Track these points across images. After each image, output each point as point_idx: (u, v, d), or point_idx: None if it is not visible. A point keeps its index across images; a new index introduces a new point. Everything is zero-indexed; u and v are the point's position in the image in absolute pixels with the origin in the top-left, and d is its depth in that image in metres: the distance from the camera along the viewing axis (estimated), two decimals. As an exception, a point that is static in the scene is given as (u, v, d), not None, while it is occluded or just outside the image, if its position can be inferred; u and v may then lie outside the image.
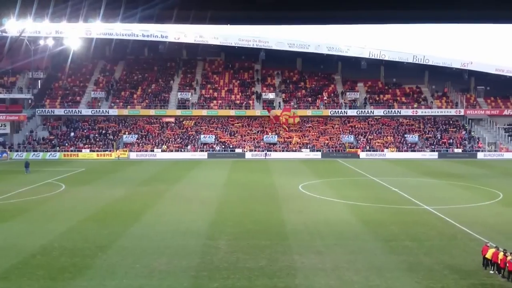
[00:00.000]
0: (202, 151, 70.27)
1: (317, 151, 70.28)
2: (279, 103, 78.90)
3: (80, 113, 76.73)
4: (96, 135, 73.83)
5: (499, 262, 19.18)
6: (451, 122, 78.25)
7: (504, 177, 48.69)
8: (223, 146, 71.38)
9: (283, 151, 70.41)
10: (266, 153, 68.88)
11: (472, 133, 75.62)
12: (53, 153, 68.83)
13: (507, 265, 18.61)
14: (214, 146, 71.50)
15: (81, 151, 69.54)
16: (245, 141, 72.47)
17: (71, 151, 69.59)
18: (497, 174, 51.09)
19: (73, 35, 71.44)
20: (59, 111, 76.51)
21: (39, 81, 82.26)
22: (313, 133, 75.14)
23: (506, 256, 18.98)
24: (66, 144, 71.25)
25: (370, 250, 22.50)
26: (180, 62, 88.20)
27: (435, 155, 69.69)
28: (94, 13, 5.81)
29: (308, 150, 70.43)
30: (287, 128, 74.94)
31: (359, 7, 6.26)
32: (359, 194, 37.52)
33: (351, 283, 18.36)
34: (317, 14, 6.11)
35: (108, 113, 77.02)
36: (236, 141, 72.49)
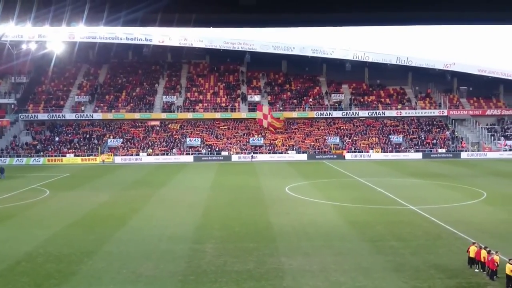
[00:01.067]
0: (188, 154, 70.05)
1: (303, 152, 70.48)
2: (270, 105, 78.95)
3: (64, 117, 76.00)
4: (81, 139, 73.18)
5: (482, 261, 19.42)
6: (434, 122, 79.04)
7: (487, 176, 49.28)
8: (209, 149, 71.23)
9: (269, 153, 70.47)
10: (252, 156, 68.86)
11: (456, 133, 76.46)
12: (37, 158, 68.07)
13: (490, 263, 18.85)
14: (200, 149, 71.31)
15: (65, 156, 68.85)
16: (231, 144, 72.41)
17: (55, 156, 68.87)
18: (481, 173, 51.70)
19: (56, 39, 70.81)
20: (42, 116, 75.74)
21: (22, 85, 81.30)
22: (298, 135, 75.34)
23: (490, 255, 19.21)
24: (50, 149, 70.49)
25: (357, 251, 22.61)
26: (165, 65, 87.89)
27: (419, 155, 70.32)
28: (77, 17, 5.75)
29: (294, 152, 70.59)
30: (274, 130, 74.95)
31: (344, 9, 6.27)
32: (345, 195, 37.69)
33: (338, 284, 18.42)
34: (300, 16, 6.12)
35: (92, 117, 76.41)
36: (222, 144, 72.40)
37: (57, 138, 73.18)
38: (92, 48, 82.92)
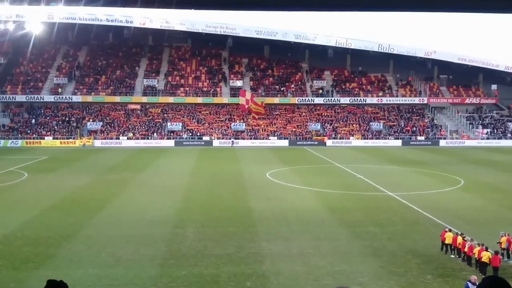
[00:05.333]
0: (169, 138, 69.66)
1: (284, 138, 70.68)
2: (251, 91, 78.70)
3: (43, 99, 74.69)
4: (59, 122, 72.16)
5: (458, 247, 19.81)
6: (414, 110, 79.83)
7: (465, 164, 50.07)
8: (190, 134, 70.92)
9: (250, 138, 70.48)
10: (233, 141, 68.77)
11: (435, 121, 77.39)
12: (14, 140, 67.00)
13: (466, 249, 19.24)
14: (181, 133, 70.95)
15: (43, 138, 67.89)
16: (212, 129, 72.19)
17: (34, 138, 67.87)
18: (459, 161, 52.50)
19: (34, 19, 69.30)
20: (20, 98, 74.33)
21: (-1, 66, 79.66)
22: (280, 121, 75.43)
23: (465, 241, 19.61)
24: (28, 132, 69.43)
25: (335, 236, 22.88)
26: (146, 48, 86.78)
27: (399, 142, 71.07)
28: (56, -4, 5.62)
29: (276, 137, 70.75)
30: (256, 116, 74.69)
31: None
32: (325, 181, 37.97)
33: (317, 268, 18.65)
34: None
35: (71, 99, 75.24)
36: (203, 129, 72.12)
37: (33, 121, 72.01)
38: (71, 29, 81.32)
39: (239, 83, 79.76)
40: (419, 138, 72.39)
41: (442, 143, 71.27)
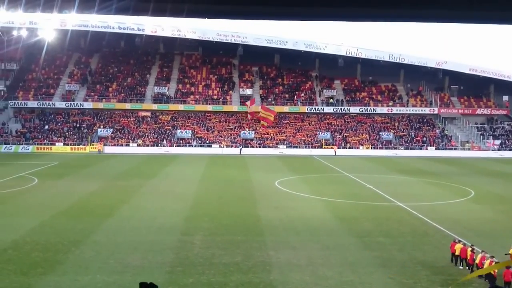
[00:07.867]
0: (179, 146, 69.83)
1: (293, 147, 70.58)
2: (261, 100, 78.84)
3: (54, 105, 75.34)
4: (70, 128, 72.67)
5: (468, 258, 19.60)
6: (425, 120, 79.43)
7: (475, 175, 49.66)
8: (200, 142, 71.07)
9: (259, 147, 70.46)
10: (241, 149, 68.73)
11: (446, 132, 76.93)
12: (25, 146, 67.53)
13: (477, 261, 19.01)
14: (190, 141, 71.11)
15: (54, 144, 68.37)
16: (222, 137, 72.30)
17: (44, 144, 68.38)
18: (469, 172, 52.08)
19: (47, 26, 70.16)
20: (32, 104, 75.04)
21: (12, 72, 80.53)
22: (289, 130, 75.37)
23: (474, 252, 19.41)
24: (40, 137, 69.97)
25: (344, 246, 22.72)
26: (157, 55, 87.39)
27: (409, 152, 70.63)
28: (69, 4, 5.69)
29: (285, 146, 70.67)
30: (266, 124, 74.67)
31: (338, 4, 6.25)
32: (334, 191, 37.82)
33: (325, 278, 18.52)
34: (294, 10, 6.09)
35: (82, 106, 75.85)
36: (213, 137, 72.25)
37: (46, 127, 72.61)
38: (84, 37, 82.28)
39: (249, 91, 79.92)
40: (429, 148, 71.94)
41: (453, 153, 70.73)
